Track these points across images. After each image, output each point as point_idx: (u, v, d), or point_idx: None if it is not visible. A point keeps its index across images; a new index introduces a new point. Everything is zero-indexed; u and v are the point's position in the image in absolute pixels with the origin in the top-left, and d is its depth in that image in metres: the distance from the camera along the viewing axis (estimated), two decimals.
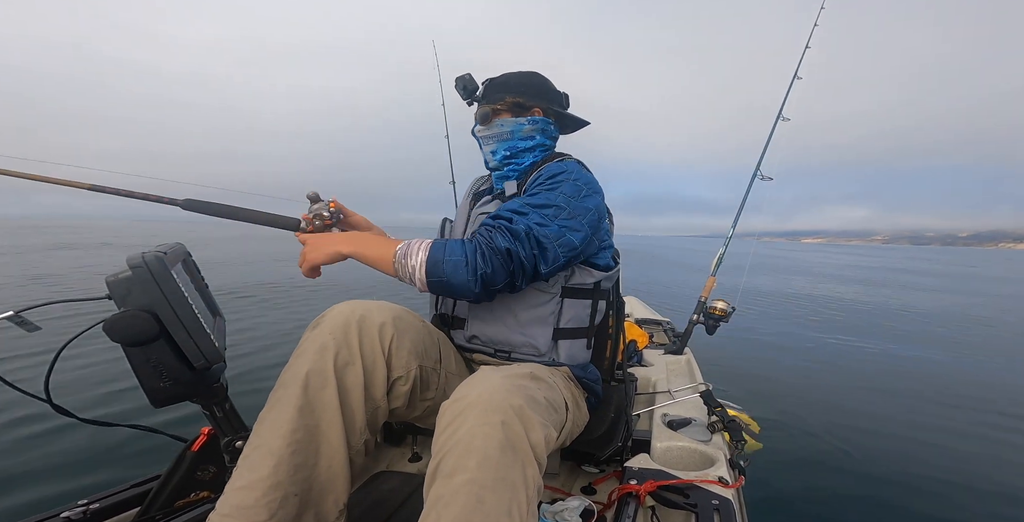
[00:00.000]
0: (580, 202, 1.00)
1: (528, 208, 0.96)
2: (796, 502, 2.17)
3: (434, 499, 0.65)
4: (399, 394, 0.92)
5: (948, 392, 3.88)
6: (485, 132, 1.17)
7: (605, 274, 1.12)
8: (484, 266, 0.88)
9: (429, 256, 0.89)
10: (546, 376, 0.94)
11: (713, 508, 0.97)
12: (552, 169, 1.06)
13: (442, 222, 1.28)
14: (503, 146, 1.16)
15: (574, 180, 1.02)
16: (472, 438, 0.67)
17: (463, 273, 0.88)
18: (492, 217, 0.97)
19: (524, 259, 0.91)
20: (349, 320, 0.87)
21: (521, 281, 0.94)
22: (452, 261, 0.88)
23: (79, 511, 0.91)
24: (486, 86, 1.18)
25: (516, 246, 0.90)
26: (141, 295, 0.75)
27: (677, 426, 1.39)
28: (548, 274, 0.98)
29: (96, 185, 0.99)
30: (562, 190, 1.00)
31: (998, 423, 3.22)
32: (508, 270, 0.91)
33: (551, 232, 0.94)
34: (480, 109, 1.16)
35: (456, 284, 0.89)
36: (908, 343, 5.81)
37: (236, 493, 0.74)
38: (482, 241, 0.91)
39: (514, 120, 1.15)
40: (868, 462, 2.56)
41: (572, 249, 0.98)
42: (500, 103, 1.15)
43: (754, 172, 2.69)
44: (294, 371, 0.83)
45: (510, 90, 1.15)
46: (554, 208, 0.97)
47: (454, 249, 0.89)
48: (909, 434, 2.96)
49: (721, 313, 2.38)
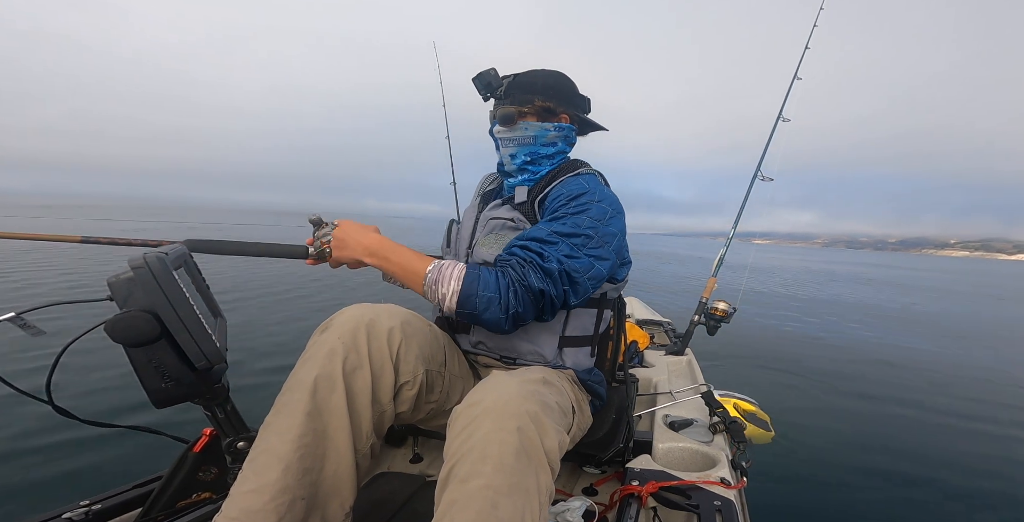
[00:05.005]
0: (606, 227, 0.98)
1: (556, 237, 0.94)
2: (798, 503, 2.16)
3: (448, 503, 0.65)
4: (405, 398, 0.92)
5: (952, 385, 3.88)
6: (506, 134, 1.11)
7: (613, 286, 1.12)
8: (516, 305, 0.88)
9: (463, 288, 0.88)
10: (555, 380, 0.94)
11: (715, 509, 0.97)
12: (573, 187, 1.02)
13: (449, 224, 1.26)
14: (524, 151, 1.10)
15: (598, 202, 0.99)
16: (487, 444, 0.67)
17: (495, 311, 0.87)
18: (521, 247, 0.94)
19: (555, 297, 0.91)
20: (358, 324, 0.87)
21: (549, 316, 0.94)
22: (486, 297, 0.87)
23: (81, 512, 0.91)
24: (509, 84, 1.09)
25: (549, 286, 0.90)
26: (143, 296, 0.75)
27: (679, 427, 1.39)
28: (575, 306, 0.98)
29: (87, 237, 1.00)
30: (589, 214, 0.97)
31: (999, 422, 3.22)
32: (538, 307, 0.91)
33: (581, 266, 0.93)
34: (504, 109, 1.09)
35: (486, 319, 0.89)
36: (911, 335, 5.82)
37: (244, 497, 0.74)
38: (515, 277, 0.89)
39: (540, 125, 1.09)
40: (868, 462, 2.55)
41: (600, 280, 0.98)
42: (528, 106, 1.08)
43: (754, 173, 2.69)
44: (302, 375, 0.82)
45: (538, 92, 1.09)
46: (583, 237, 0.95)
47: (488, 283, 0.88)
48: (909, 433, 2.96)
49: (722, 314, 2.38)
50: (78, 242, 1.00)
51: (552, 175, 1.10)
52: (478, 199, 1.24)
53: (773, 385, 3.91)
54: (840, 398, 3.65)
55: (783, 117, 2.68)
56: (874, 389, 3.93)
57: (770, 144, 2.68)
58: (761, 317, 7.37)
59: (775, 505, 2.13)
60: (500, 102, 1.11)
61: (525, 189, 1.11)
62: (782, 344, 5.56)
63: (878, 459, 2.61)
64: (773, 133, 2.68)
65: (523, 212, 1.09)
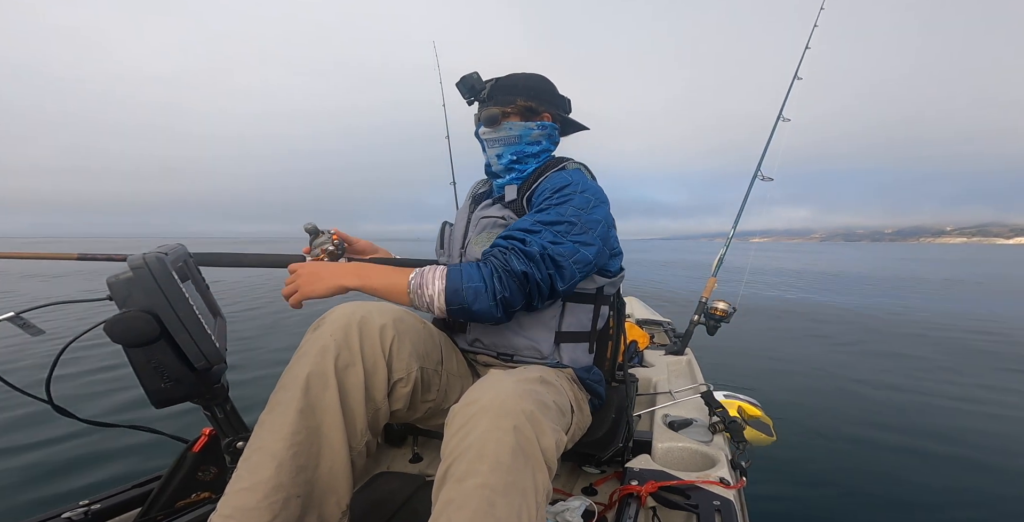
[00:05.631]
0: (589, 214, 1.00)
1: (540, 226, 0.96)
2: (798, 503, 2.16)
3: (444, 502, 0.65)
4: (400, 396, 0.92)
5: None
6: (491, 135, 1.14)
7: (609, 279, 1.12)
8: (502, 290, 0.89)
9: (447, 284, 0.89)
10: (553, 379, 0.94)
11: (714, 509, 0.97)
12: (557, 181, 1.05)
13: (442, 226, 1.27)
14: (510, 150, 1.13)
15: (581, 192, 1.02)
16: (484, 443, 0.67)
17: (484, 299, 0.89)
18: (504, 237, 0.97)
19: (540, 281, 0.92)
20: (350, 322, 0.87)
21: (538, 301, 0.95)
22: (472, 287, 0.89)
23: (80, 511, 0.91)
24: (492, 86, 1.14)
25: (532, 268, 0.91)
26: (142, 296, 0.75)
27: (678, 427, 1.39)
28: (565, 291, 0.98)
29: (84, 254, 1.02)
30: (572, 203, 0.99)
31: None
32: (525, 292, 0.92)
33: (565, 250, 0.94)
34: (488, 111, 1.12)
35: (477, 310, 0.90)
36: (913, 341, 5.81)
37: (238, 495, 0.74)
38: (498, 264, 0.91)
39: (523, 124, 1.12)
40: (869, 462, 2.55)
41: (587, 264, 0.98)
42: (510, 106, 1.12)
43: (754, 173, 2.68)
44: (295, 373, 0.83)
45: (519, 93, 1.12)
46: (566, 224, 0.97)
47: (471, 274, 0.90)
48: (911, 434, 2.96)
49: (722, 314, 2.38)
50: (75, 259, 1.02)
51: (539, 172, 1.13)
52: (469, 201, 1.27)
53: (773, 384, 3.91)
54: (841, 398, 3.65)
55: (783, 117, 2.68)
56: (879, 388, 3.93)
57: (770, 144, 2.69)
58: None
59: (775, 505, 2.13)
60: (484, 104, 1.14)
61: (515, 188, 1.14)
62: (782, 343, 5.56)
63: (879, 459, 2.61)
64: (773, 133, 2.68)
65: (514, 210, 1.11)
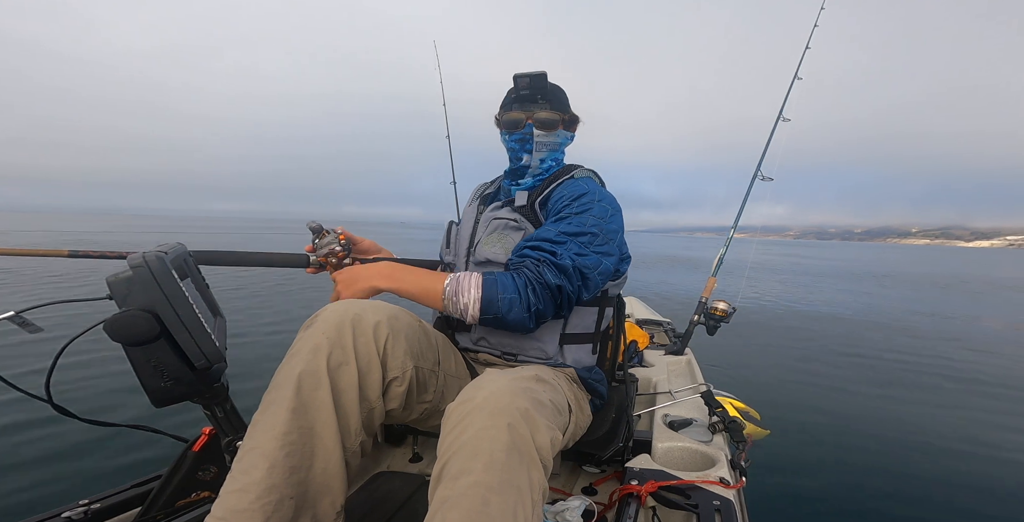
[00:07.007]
0: (608, 224, 1.05)
1: (564, 237, 1.00)
2: (798, 503, 2.16)
3: (439, 501, 0.65)
4: (395, 395, 0.91)
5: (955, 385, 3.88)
6: (544, 138, 1.14)
7: (614, 281, 1.14)
8: (537, 301, 0.93)
9: (483, 294, 0.93)
10: (550, 378, 0.94)
11: (714, 509, 0.97)
12: (574, 189, 1.08)
13: (448, 225, 1.28)
14: (551, 156, 1.16)
15: (599, 201, 1.06)
16: (478, 440, 0.67)
17: (519, 310, 0.93)
18: (533, 248, 1.00)
19: (571, 293, 0.97)
20: (343, 320, 0.86)
21: (565, 311, 1.00)
22: (507, 298, 0.92)
23: (80, 511, 0.91)
24: (543, 90, 1.11)
25: (564, 281, 0.96)
26: (142, 295, 0.75)
27: (678, 427, 1.39)
28: (587, 299, 1.04)
29: (75, 251, 1.02)
30: (592, 213, 1.04)
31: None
32: (556, 304, 0.97)
33: (591, 262, 0.99)
34: (548, 114, 1.12)
35: (511, 320, 0.94)
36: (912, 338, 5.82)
37: (230, 496, 0.73)
38: (532, 276, 0.94)
39: (567, 133, 1.18)
40: (869, 462, 2.55)
41: (608, 275, 1.04)
42: (566, 114, 1.15)
43: (754, 172, 2.69)
44: (287, 372, 0.82)
45: (563, 104, 1.15)
46: (589, 235, 1.01)
47: (506, 285, 0.93)
48: (911, 434, 2.96)
49: (722, 314, 2.38)
50: (65, 256, 1.00)
51: (549, 179, 1.15)
52: (476, 201, 1.27)
53: (773, 383, 3.91)
54: (842, 398, 3.65)
55: (783, 117, 2.68)
56: (878, 386, 3.93)
57: (770, 144, 2.69)
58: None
59: (775, 505, 2.13)
60: (538, 106, 1.12)
61: (525, 194, 1.16)
62: (785, 345, 5.57)
63: (879, 459, 2.61)
64: (773, 133, 2.68)
65: (523, 214, 1.13)
